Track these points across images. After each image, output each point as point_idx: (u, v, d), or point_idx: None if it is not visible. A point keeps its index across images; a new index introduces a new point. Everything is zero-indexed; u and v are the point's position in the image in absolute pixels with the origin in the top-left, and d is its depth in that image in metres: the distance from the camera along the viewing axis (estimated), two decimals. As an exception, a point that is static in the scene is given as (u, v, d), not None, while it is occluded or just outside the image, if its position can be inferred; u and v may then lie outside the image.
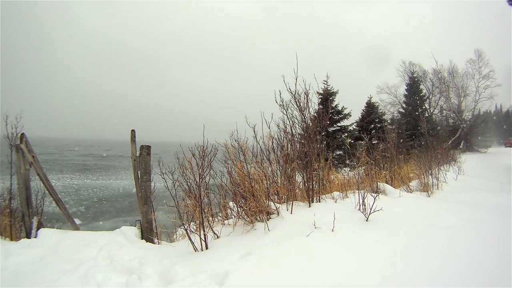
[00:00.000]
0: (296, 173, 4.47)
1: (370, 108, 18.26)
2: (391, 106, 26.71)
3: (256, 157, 4.31)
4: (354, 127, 16.68)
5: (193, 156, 3.67)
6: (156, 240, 4.33)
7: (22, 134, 4.42)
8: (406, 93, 24.01)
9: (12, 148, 4.45)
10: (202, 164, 3.63)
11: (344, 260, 2.93)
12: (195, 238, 3.76)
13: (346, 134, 14.89)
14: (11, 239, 4.65)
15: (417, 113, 20.40)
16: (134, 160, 4.14)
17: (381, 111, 20.21)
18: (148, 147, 4.14)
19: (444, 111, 26.61)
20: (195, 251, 3.74)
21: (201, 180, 3.67)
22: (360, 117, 17.87)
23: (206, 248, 3.70)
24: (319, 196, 4.64)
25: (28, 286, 3.32)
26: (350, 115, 15.34)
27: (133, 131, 4.07)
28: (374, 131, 15.93)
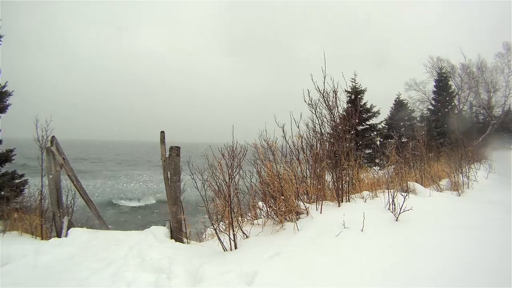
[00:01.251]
0: (326, 172, 4.46)
1: (399, 105, 18.05)
2: (420, 103, 26.06)
3: (286, 156, 4.34)
4: (383, 125, 16.49)
5: (223, 157, 3.73)
6: (185, 240, 4.42)
7: (53, 137, 4.62)
8: (434, 89, 23.37)
9: (42, 151, 4.64)
10: (231, 164, 3.69)
11: (373, 261, 2.93)
12: (224, 238, 3.83)
13: (375, 133, 14.71)
14: (42, 238, 4.85)
15: (446, 110, 19.83)
16: (164, 161, 4.24)
17: (410, 108, 19.84)
18: (178, 148, 4.24)
19: (473, 107, 25.75)
20: (224, 250, 3.82)
21: (230, 180, 3.73)
22: (389, 115, 17.68)
23: (235, 247, 3.78)
24: (348, 195, 4.63)
25: (58, 284, 3.43)
26: (379, 113, 15.16)
27: (162, 132, 4.18)
28: (403, 129, 15.72)
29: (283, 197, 3.93)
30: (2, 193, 5.06)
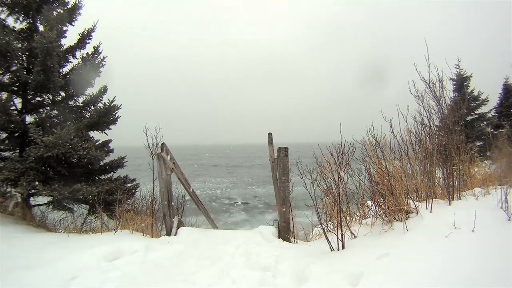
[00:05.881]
0: (436, 168, 4.36)
1: (508, 91, 16.48)
2: (531, 86, 23.49)
3: (394, 153, 4.34)
4: (493, 113, 15.25)
5: (331, 155, 3.85)
6: (293, 239, 4.63)
7: (163, 143, 5.20)
8: (542, 68, 20.79)
9: (153, 157, 5.23)
10: (340, 162, 3.80)
11: (484, 264, 2.81)
12: (332, 238, 3.95)
13: (485, 123, 13.74)
14: (152, 237, 5.37)
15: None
16: (272, 162, 4.52)
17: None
18: (286, 149, 4.48)
19: None
20: (332, 250, 3.95)
21: (340, 178, 3.84)
22: (498, 101, 16.26)
23: (343, 247, 3.88)
24: (459, 193, 4.47)
25: (165, 278, 3.74)
26: (488, 101, 14.08)
27: (270, 134, 4.44)
28: (515, 116, 14.46)
29: (392, 196, 3.95)
30: (115, 196, 5.76)
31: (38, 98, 6.85)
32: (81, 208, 6.81)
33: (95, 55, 6.96)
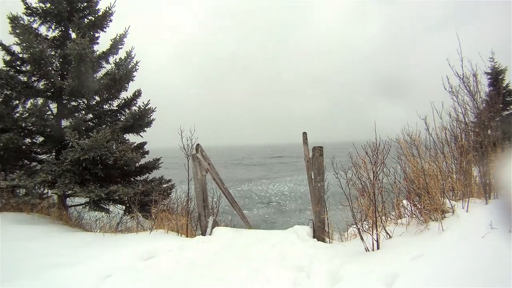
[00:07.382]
0: (472, 166, 4.36)
1: None
2: None
3: (430, 150, 4.36)
4: None
5: (366, 154, 3.92)
6: (327, 239, 4.73)
7: (198, 144, 5.40)
8: None
9: (188, 158, 5.44)
10: (375, 161, 3.86)
11: None
12: (367, 238, 4.00)
13: None
14: (187, 236, 5.56)
15: None
16: (307, 161, 4.64)
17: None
18: (321, 148, 4.58)
19: None
20: (366, 251, 3.99)
21: (375, 177, 3.91)
22: None
23: (378, 248, 3.92)
24: (496, 191, 4.44)
25: (199, 276, 3.82)
26: None
27: (304, 133, 4.56)
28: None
29: (428, 195, 3.97)
30: (151, 197, 6.01)
31: (73, 103, 7.23)
32: (117, 208, 7.11)
33: (128, 59, 7.29)
